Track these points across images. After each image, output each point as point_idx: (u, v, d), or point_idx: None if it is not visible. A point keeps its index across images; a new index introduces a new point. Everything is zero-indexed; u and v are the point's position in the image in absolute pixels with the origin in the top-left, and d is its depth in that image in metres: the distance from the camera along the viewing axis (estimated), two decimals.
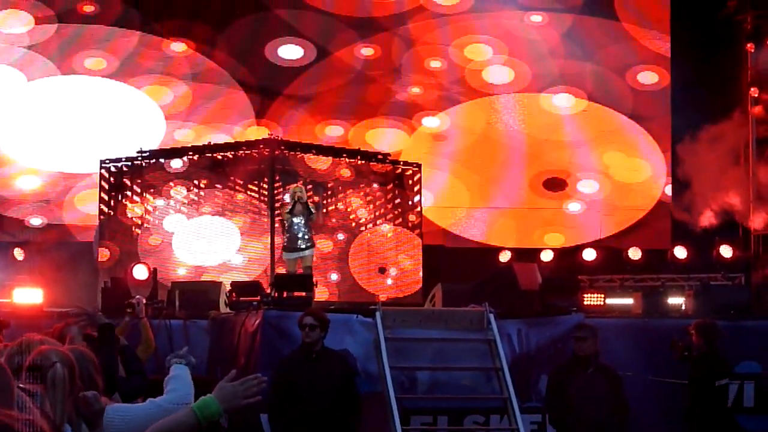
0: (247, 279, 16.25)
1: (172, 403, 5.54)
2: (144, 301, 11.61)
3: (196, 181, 18.31)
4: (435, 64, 22.62)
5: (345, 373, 10.28)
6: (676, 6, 22.79)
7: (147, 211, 18.38)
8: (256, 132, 21.06)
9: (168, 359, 6.06)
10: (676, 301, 15.49)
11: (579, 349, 10.73)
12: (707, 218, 19.62)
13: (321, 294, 16.60)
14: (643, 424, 12.36)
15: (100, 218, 18.12)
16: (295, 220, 15.86)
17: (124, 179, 18.33)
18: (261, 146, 17.76)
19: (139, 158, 18.19)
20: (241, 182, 18.18)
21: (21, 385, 3.94)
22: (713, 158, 20.00)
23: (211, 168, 18.18)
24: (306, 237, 15.91)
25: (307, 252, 15.90)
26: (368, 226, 18.93)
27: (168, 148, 19.59)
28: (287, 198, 16.89)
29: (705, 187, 20.11)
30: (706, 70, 21.33)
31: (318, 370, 10.13)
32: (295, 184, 16.45)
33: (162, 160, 18.27)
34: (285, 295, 13.29)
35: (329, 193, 18.57)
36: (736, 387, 13.19)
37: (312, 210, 15.96)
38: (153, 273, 15.36)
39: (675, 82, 22.55)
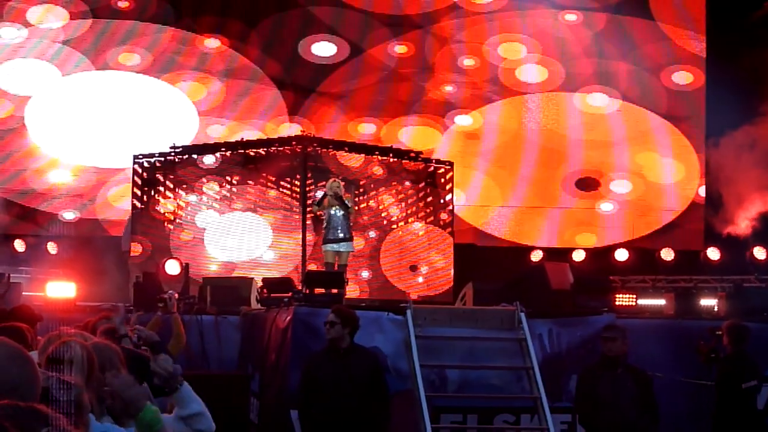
0: (279, 275, 16.26)
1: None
2: (176, 295, 11.64)
3: (228, 177, 18.38)
4: (468, 62, 22.60)
5: (373, 371, 10.21)
6: (711, 6, 22.67)
7: (179, 207, 18.45)
8: (289, 129, 21.10)
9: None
10: (708, 302, 15.40)
11: (608, 350, 10.65)
12: (741, 220, 19.51)
13: (352, 291, 16.61)
14: (673, 425, 12.30)
15: (132, 213, 18.18)
16: (333, 212, 15.49)
17: (157, 174, 18.39)
18: (293, 143, 17.80)
19: (172, 154, 18.25)
20: (274, 179, 18.22)
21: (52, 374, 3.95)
22: (748, 159, 19.88)
23: (244, 164, 18.23)
24: (345, 229, 15.57)
25: (343, 246, 15.53)
26: (400, 224, 18.95)
27: (201, 144, 19.65)
28: (319, 195, 16.87)
29: (739, 188, 20.00)
30: (742, 71, 21.19)
31: (345, 367, 10.08)
32: (333, 179, 16.17)
33: (195, 156, 18.33)
34: (316, 291, 13.27)
35: (361, 190, 18.59)
36: None
37: (348, 204, 15.70)
38: (185, 268, 15.41)
39: (710, 83, 22.43)
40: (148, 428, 4.25)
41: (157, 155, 18.30)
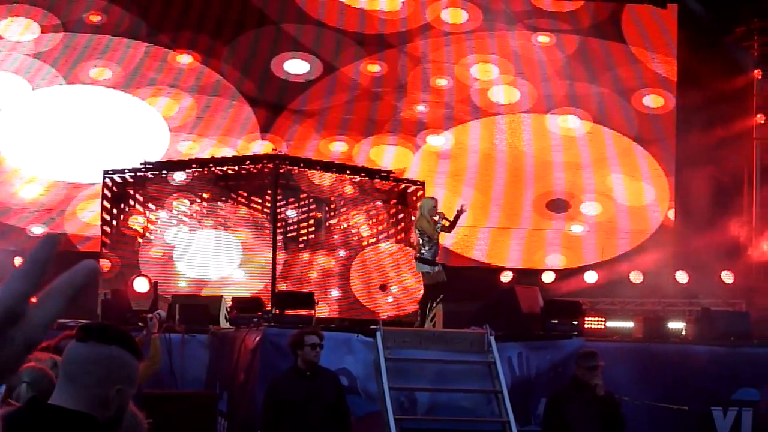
0: (248, 294, 16.21)
1: None
2: (161, 315, 11.37)
3: (199, 194, 18.30)
4: (441, 82, 22.65)
5: (338, 391, 10.22)
6: (683, 30, 22.81)
7: (150, 222, 18.35)
8: (261, 146, 21.06)
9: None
10: (676, 325, 15.46)
11: (585, 376, 10.52)
12: (709, 244, 19.61)
13: (321, 311, 16.57)
14: None
15: (102, 228, 18.06)
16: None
17: (128, 190, 18.30)
18: (265, 161, 17.75)
19: (143, 170, 18.16)
20: (245, 196, 18.17)
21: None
22: (717, 184, 20.00)
23: (215, 181, 18.16)
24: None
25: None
26: (370, 243, 18.91)
27: (172, 160, 19.57)
28: (291, 214, 16.79)
29: (708, 212, 20.11)
30: (712, 95, 21.34)
31: (313, 389, 10.05)
32: (429, 197, 15.89)
33: (165, 173, 18.24)
34: (286, 312, 13.24)
35: (332, 208, 18.55)
36: (734, 414, 13.16)
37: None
38: (154, 286, 15.32)
39: (680, 107, 22.55)
40: None
41: (127, 171, 18.21)
